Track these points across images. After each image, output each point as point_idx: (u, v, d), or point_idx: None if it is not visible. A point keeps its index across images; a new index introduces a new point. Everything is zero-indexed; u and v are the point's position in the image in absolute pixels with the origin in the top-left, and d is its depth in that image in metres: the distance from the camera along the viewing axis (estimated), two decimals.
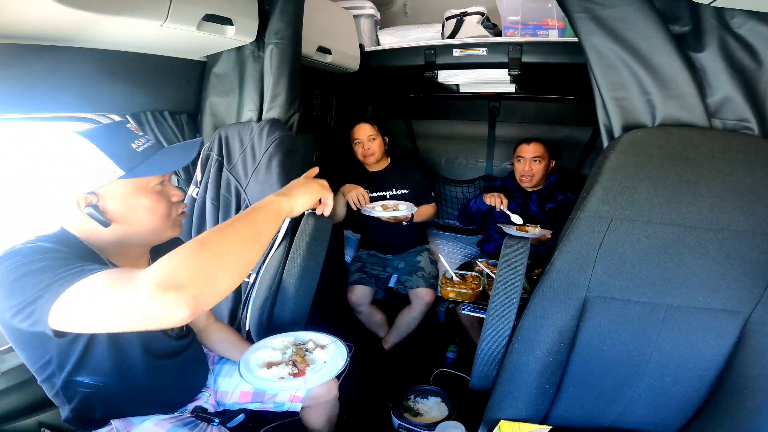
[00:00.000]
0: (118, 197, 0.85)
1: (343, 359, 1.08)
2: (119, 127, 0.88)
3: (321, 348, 1.13)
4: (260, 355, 1.09)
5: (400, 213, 1.91)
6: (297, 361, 1.06)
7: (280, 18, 1.39)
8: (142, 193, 0.86)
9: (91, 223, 0.84)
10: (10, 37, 0.99)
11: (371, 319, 2.19)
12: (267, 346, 1.13)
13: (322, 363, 1.08)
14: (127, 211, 0.86)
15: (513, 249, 1.07)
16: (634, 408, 1.03)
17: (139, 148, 0.86)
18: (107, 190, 0.83)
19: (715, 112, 0.92)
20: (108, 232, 0.86)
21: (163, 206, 0.90)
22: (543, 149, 2.04)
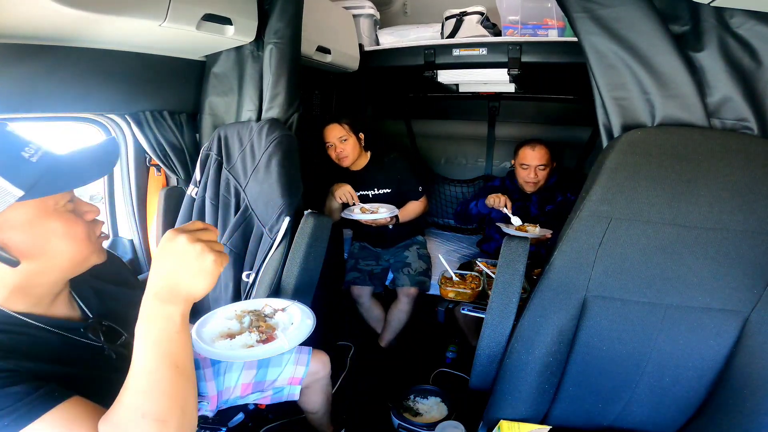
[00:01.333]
0: (21, 225, 0.65)
1: (311, 318, 1.00)
2: (7, 137, 0.66)
3: (281, 311, 1.06)
4: (213, 328, 0.99)
5: (379, 216, 1.87)
6: (261, 326, 0.98)
7: (280, 18, 1.39)
8: (51, 216, 0.68)
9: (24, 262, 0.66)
10: (10, 37, 0.99)
11: (370, 313, 2.20)
12: (218, 316, 1.03)
13: (289, 324, 1.00)
14: (37, 242, 0.67)
15: (512, 249, 1.07)
16: (633, 408, 1.03)
17: (33, 157, 0.65)
18: (4, 219, 0.64)
19: (714, 111, 0.92)
20: (12, 273, 0.66)
21: (81, 228, 0.71)
22: (548, 155, 2.01)
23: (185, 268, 0.62)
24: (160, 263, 0.62)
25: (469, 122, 2.69)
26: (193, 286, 0.62)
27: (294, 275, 1.31)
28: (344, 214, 1.92)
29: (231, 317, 1.03)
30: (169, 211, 1.63)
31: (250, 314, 1.03)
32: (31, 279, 0.69)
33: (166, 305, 0.61)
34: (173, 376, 0.60)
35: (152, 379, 0.59)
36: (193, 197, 1.57)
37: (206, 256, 0.62)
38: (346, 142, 1.99)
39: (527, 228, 1.86)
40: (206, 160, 1.56)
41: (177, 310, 0.62)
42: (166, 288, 0.62)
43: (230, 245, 1.43)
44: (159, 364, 0.60)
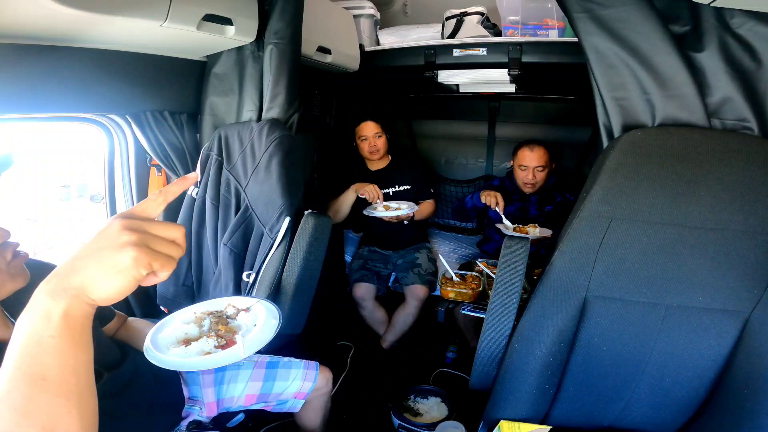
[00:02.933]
0: None
1: (276, 317, 0.91)
2: None
3: (245, 311, 0.96)
4: (169, 333, 0.90)
5: (402, 212, 1.93)
6: (221, 330, 0.89)
7: (280, 18, 1.39)
8: None
9: None
10: (10, 37, 0.99)
11: (373, 315, 2.20)
12: (176, 320, 0.94)
13: (253, 326, 0.91)
14: None
15: (513, 249, 1.07)
16: (633, 408, 1.03)
17: None
18: None
19: (714, 111, 0.92)
20: None
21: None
22: (546, 156, 2.01)
23: (95, 256, 0.47)
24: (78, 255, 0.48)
25: (470, 122, 2.69)
26: (94, 281, 0.47)
27: (294, 275, 1.31)
28: (366, 212, 1.96)
29: (190, 321, 0.93)
30: (169, 211, 1.63)
31: (211, 316, 0.94)
32: None
33: (47, 298, 0.46)
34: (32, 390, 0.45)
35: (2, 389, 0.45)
36: (193, 197, 1.57)
37: (126, 251, 0.46)
38: (380, 138, 2.18)
39: (527, 229, 1.86)
40: (207, 161, 1.56)
41: (58, 306, 0.46)
42: (57, 276, 0.47)
43: (231, 245, 1.43)
44: (15, 371, 0.46)
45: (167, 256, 0.49)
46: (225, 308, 0.97)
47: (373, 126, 2.16)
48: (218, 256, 1.48)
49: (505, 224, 1.87)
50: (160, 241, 0.49)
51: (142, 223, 0.49)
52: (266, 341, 0.85)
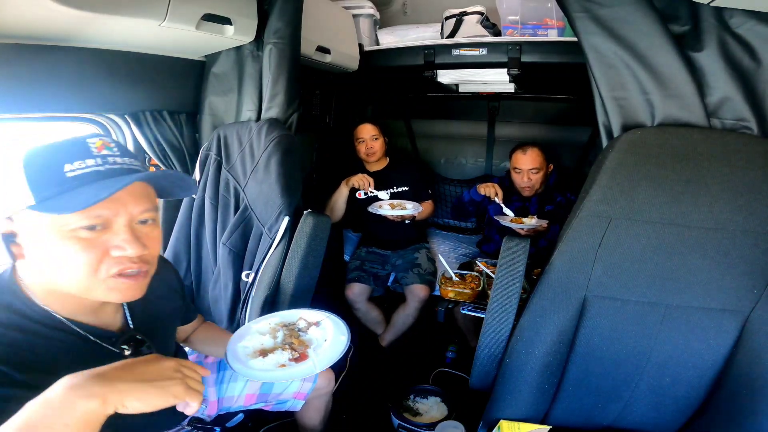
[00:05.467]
0: (30, 233, 0.64)
1: (344, 334, 0.97)
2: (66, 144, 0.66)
3: (315, 325, 1.03)
4: (248, 343, 0.97)
5: (406, 212, 1.95)
6: (294, 343, 0.95)
7: (279, 17, 1.39)
8: (55, 235, 0.63)
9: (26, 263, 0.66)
10: (10, 37, 0.99)
11: (368, 316, 2.20)
12: (252, 332, 1.01)
13: (323, 341, 0.97)
14: (38, 252, 0.64)
15: (512, 249, 1.07)
16: (633, 408, 1.03)
17: (72, 172, 0.63)
18: (22, 219, 0.64)
19: (714, 111, 0.92)
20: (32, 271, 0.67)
21: (83, 260, 0.64)
22: (541, 158, 1.99)
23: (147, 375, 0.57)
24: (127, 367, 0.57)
25: (469, 122, 2.69)
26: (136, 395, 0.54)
27: (293, 274, 1.31)
28: (371, 209, 1.97)
29: (265, 332, 1.00)
30: (168, 211, 1.63)
31: (284, 329, 1.01)
32: (51, 287, 0.67)
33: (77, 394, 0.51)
34: None
35: None
36: (192, 197, 1.57)
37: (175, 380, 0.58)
38: (376, 140, 2.20)
39: (523, 220, 1.87)
40: (206, 160, 1.56)
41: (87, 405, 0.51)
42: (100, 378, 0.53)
43: (230, 245, 1.43)
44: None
45: (197, 392, 0.61)
46: (297, 321, 1.04)
47: (371, 128, 2.18)
48: (217, 255, 1.48)
49: (505, 213, 1.87)
50: (194, 381, 0.62)
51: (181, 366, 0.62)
52: (337, 357, 0.91)
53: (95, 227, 0.64)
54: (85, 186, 0.62)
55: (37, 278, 0.68)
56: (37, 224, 0.63)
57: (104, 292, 0.67)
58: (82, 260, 0.64)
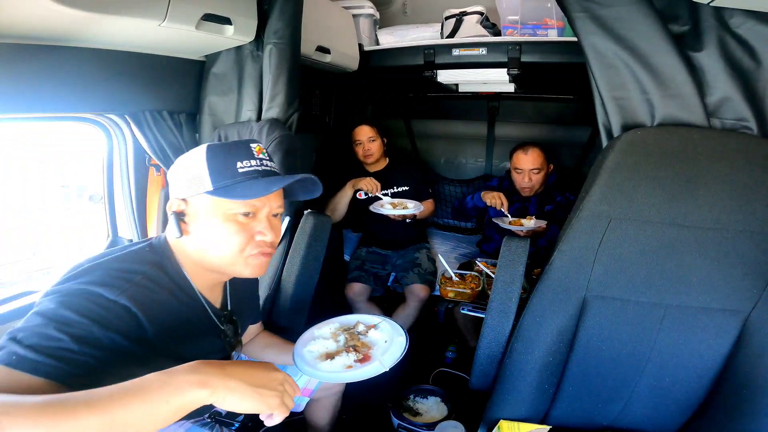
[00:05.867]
0: (199, 212, 0.80)
1: (402, 335, 1.02)
2: (238, 145, 0.83)
3: (373, 328, 1.08)
4: (314, 348, 1.03)
5: (408, 211, 1.96)
6: (357, 346, 1.01)
7: (279, 17, 1.39)
8: (218, 217, 0.80)
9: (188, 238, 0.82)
10: (9, 37, 0.99)
11: None
12: (316, 337, 1.07)
13: (383, 342, 1.02)
14: (200, 230, 0.81)
15: (512, 249, 1.07)
16: (633, 408, 1.03)
17: (242, 169, 0.80)
18: (195, 202, 0.81)
19: (714, 111, 0.92)
20: (187, 244, 0.83)
21: (235, 240, 0.80)
22: (541, 158, 2.00)
23: (256, 382, 0.63)
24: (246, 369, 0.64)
25: (469, 122, 2.69)
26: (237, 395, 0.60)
27: (294, 274, 1.31)
28: (373, 208, 1.98)
29: (327, 336, 1.06)
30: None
31: (344, 333, 1.06)
32: (197, 258, 0.83)
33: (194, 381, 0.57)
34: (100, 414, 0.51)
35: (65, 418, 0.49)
36: None
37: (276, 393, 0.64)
38: (374, 142, 2.20)
39: (522, 221, 1.87)
40: None
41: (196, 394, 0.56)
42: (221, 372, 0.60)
43: None
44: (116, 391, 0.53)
45: (287, 409, 0.67)
46: (355, 325, 1.09)
47: (368, 130, 2.19)
48: None
49: (503, 218, 1.88)
50: (289, 397, 0.68)
51: (287, 382, 0.68)
52: (401, 356, 0.96)
53: (248, 214, 0.81)
54: (250, 181, 0.80)
55: (191, 252, 0.83)
56: (207, 206, 0.80)
57: (242, 266, 0.83)
58: (236, 239, 0.80)
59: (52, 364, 0.60)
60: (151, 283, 0.76)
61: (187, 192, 0.81)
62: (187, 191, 0.80)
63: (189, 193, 0.80)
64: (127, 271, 0.75)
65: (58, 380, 0.60)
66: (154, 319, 0.73)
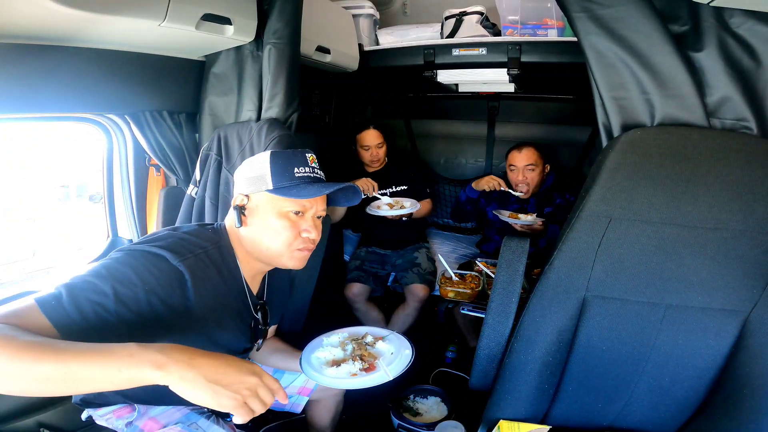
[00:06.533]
0: (258, 207, 0.93)
1: (408, 348, 1.08)
2: (296, 153, 0.95)
3: (381, 340, 1.13)
4: (321, 355, 1.08)
5: (404, 210, 1.95)
6: (363, 355, 1.05)
7: (279, 18, 1.39)
8: (273, 213, 0.92)
9: (246, 228, 0.94)
10: (10, 37, 0.99)
11: (368, 316, 2.20)
12: (324, 345, 1.12)
13: (390, 354, 1.07)
14: (257, 222, 0.93)
15: (512, 249, 1.07)
16: (633, 408, 1.03)
17: (298, 174, 0.92)
18: (256, 198, 0.93)
19: (714, 111, 0.92)
20: (244, 233, 0.94)
21: (286, 234, 0.92)
22: (536, 155, 2.01)
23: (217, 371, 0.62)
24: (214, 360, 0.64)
25: (469, 122, 2.69)
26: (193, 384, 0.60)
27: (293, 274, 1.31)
28: (369, 210, 1.97)
29: (335, 344, 1.11)
30: (168, 210, 1.63)
31: (353, 342, 1.11)
32: (248, 246, 0.94)
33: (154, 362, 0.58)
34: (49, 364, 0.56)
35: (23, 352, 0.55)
36: (192, 197, 1.57)
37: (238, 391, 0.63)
38: (381, 148, 2.22)
39: (520, 216, 1.87)
40: (206, 160, 1.56)
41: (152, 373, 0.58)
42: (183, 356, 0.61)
43: None
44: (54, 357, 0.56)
45: (263, 403, 0.65)
46: (364, 335, 1.14)
47: (376, 136, 2.19)
48: None
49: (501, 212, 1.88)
50: (265, 391, 0.66)
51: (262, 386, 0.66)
52: (405, 367, 1.02)
53: (299, 213, 0.93)
54: (304, 185, 0.91)
55: (246, 241, 0.94)
56: (265, 203, 0.92)
57: (288, 258, 0.94)
58: (287, 233, 0.92)
59: (70, 317, 0.67)
60: (207, 260, 0.87)
61: (249, 189, 0.93)
62: (250, 188, 0.93)
63: (251, 189, 0.93)
64: (194, 244, 0.86)
65: (62, 331, 0.66)
66: (200, 291, 0.82)
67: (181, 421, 0.99)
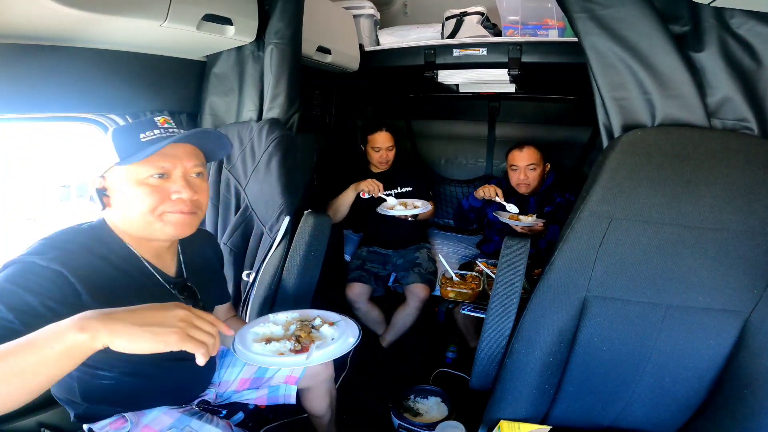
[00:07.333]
0: (116, 184, 0.86)
1: (354, 336, 1.00)
2: (141, 121, 0.88)
3: (330, 325, 1.05)
4: (259, 329, 1.02)
5: (418, 210, 1.95)
6: (301, 336, 0.98)
7: (280, 18, 1.39)
8: (132, 183, 0.85)
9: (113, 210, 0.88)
10: (10, 37, 0.99)
11: (369, 316, 2.20)
12: (269, 321, 1.05)
13: (330, 339, 1.00)
14: (119, 199, 0.86)
15: (513, 249, 1.08)
16: (633, 408, 1.03)
17: (145, 138, 0.85)
18: (111, 176, 0.86)
19: (714, 111, 0.92)
20: (113, 216, 0.89)
21: (149, 200, 0.84)
22: (537, 155, 2.01)
23: (143, 316, 0.61)
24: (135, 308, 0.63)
25: (470, 122, 2.70)
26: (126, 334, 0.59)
27: (294, 274, 1.31)
28: (380, 210, 1.97)
29: (280, 322, 1.04)
30: None
31: (299, 323, 1.04)
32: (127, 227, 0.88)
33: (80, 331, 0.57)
34: None
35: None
36: None
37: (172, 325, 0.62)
38: (391, 150, 2.21)
39: (520, 217, 1.87)
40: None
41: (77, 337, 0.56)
42: (99, 316, 0.59)
43: (230, 245, 1.43)
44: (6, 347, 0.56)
45: (199, 342, 0.64)
46: (314, 318, 1.08)
47: (388, 138, 2.19)
48: None
49: (509, 208, 1.88)
50: (198, 331, 0.65)
51: (192, 316, 0.65)
52: (335, 356, 0.94)
53: (162, 176, 0.86)
54: (152, 145, 0.83)
55: (119, 223, 0.88)
56: (121, 177, 0.85)
57: (161, 225, 0.86)
58: (148, 200, 0.84)
59: None
60: (84, 251, 0.82)
61: (102, 170, 0.87)
62: (102, 169, 0.86)
63: (104, 169, 0.86)
64: (62, 240, 0.82)
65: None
66: (89, 284, 0.77)
67: (174, 426, 0.97)
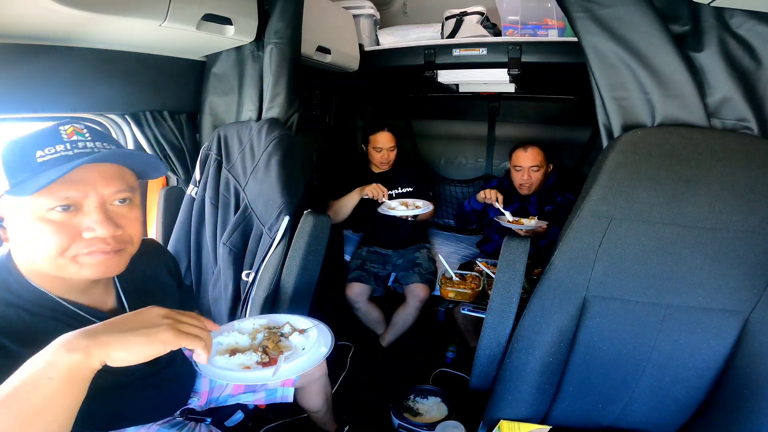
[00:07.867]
0: (11, 216, 0.67)
1: (327, 345, 0.91)
2: (42, 132, 0.69)
3: (300, 333, 0.96)
4: (223, 339, 0.92)
5: (421, 210, 1.95)
6: (269, 347, 0.90)
7: (280, 18, 1.39)
8: (31, 218, 0.65)
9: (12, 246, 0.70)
10: (10, 37, 0.99)
11: (368, 316, 2.20)
12: (233, 329, 0.96)
13: (301, 350, 0.91)
14: (15, 234, 0.68)
15: (513, 249, 1.07)
16: (633, 408, 1.03)
17: (42, 157, 0.65)
18: (4, 204, 0.67)
19: (714, 111, 0.92)
20: (16, 254, 0.71)
21: (54, 242, 0.65)
22: (541, 156, 2.01)
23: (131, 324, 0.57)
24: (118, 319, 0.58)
25: (469, 122, 2.70)
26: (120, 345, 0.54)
27: (293, 274, 1.31)
28: (382, 210, 1.97)
29: (246, 331, 0.95)
30: (168, 210, 1.63)
31: (266, 331, 0.96)
32: (36, 266, 0.70)
33: (61, 351, 0.52)
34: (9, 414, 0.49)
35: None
36: (192, 197, 1.57)
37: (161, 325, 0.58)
38: (393, 150, 2.21)
39: (522, 221, 1.87)
40: (206, 160, 1.56)
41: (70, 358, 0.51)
42: (85, 333, 0.54)
43: (230, 245, 1.43)
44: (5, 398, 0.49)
45: (194, 336, 0.61)
46: (283, 326, 0.99)
47: (390, 139, 2.18)
48: (217, 255, 1.48)
49: (506, 216, 1.87)
50: (189, 326, 0.62)
51: (174, 313, 0.62)
52: (306, 369, 0.85)
53: (69, 208, 0.66)
54: (52, 169, 0.64)
55: (24, 260, 0.70)
56: (17, 208, 0.66)
57: (76, 269, 0.69)
58: (52, 241, 0.65)
59: None
60: None
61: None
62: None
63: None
64: None
65: None
66: (17, 340, 0.65)
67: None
